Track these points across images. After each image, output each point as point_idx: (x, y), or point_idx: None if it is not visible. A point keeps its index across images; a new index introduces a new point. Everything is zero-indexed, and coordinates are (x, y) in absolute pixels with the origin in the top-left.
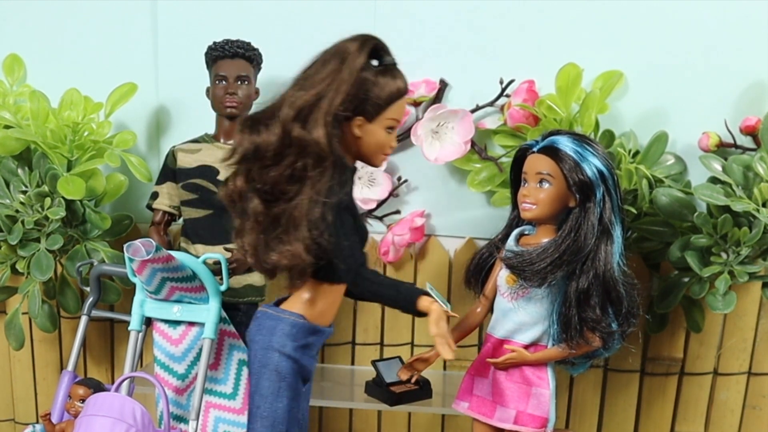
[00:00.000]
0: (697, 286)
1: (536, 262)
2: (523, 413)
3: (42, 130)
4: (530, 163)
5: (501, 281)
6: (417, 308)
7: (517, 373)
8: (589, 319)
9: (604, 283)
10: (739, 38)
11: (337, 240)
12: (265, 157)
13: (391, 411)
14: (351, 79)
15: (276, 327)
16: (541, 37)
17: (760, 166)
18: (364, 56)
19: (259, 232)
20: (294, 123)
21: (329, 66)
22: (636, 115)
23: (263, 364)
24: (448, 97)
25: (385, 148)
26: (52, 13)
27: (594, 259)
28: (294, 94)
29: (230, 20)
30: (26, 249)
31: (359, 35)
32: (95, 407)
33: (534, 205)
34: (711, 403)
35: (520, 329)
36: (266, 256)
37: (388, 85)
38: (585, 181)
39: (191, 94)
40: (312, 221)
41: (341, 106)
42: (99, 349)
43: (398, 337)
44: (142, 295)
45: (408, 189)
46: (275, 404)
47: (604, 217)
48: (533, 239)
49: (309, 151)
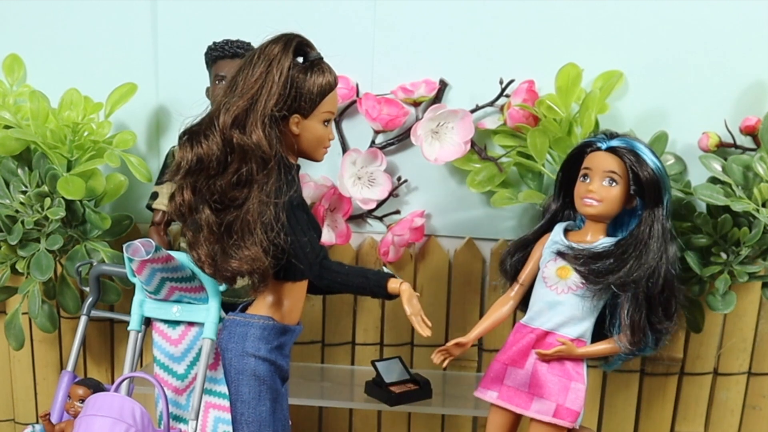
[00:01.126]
0: (697, 286)
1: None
2: (562, 407)
3: (42, 130)
4: (596, 160)
5: (549, 272)
6: (387, 291)
7: (559, 366)
8: (655, 323)
9: (669, 289)
10: (739, 38)
11: (294, 238)
12: (210, 167)
13: (391, 411)
14: (281, 79)
15: (247, 332)
16: (541, 37)
17: (760, 166)
18: (290, 55)
19: (214, 242)
20: (233, 129)
21: (258, 69)
22: (636, 115)
23: (240, 370)
24: (448, 97)
25: (324, 141)
26: (52, 13)
27: (661, 264)
28: (228, 102)
29: (230, 20)
30: (26, 249)
31: (281, 35)
32: (95, 407)
33: (600, 202)
34: (711, 403)
35: (568, 322)
36: (226, 264)
37: (318, 80)
38: (655, 184)
39: (191, 94)
40: (266, 223)
41: (276, 107)
42: (99, 349)
43: (398, 337)
44: (141, 295)
45: (408, 189)
46: (258, 408)
47: (669, 223)
48: (581, 236)
49: (252, 155)
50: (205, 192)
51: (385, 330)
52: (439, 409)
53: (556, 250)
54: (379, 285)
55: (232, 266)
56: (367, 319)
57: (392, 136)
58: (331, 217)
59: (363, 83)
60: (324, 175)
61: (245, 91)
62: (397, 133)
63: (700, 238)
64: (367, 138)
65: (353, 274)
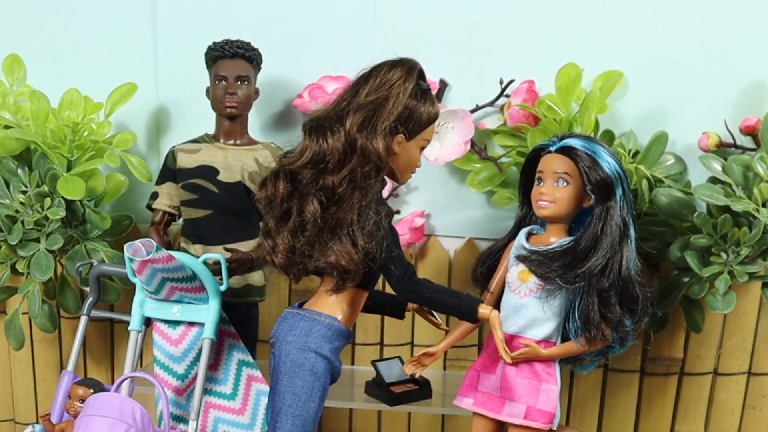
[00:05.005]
0: (697, 286)
1: (563, 263)
2: (533, 408)
3: (42, 130)
4: (547, 162)
5: (512, 278)
6: (477, 316)
7: (527, 368)
8: (610, 319)
9: (623, 283)
10: (739, 38)
11: (389, 248)
12: (329, 163)
13: (391, 411)
14: (404, 99)
15: (312, 328)
16: (541, 37)
17: (760, 166)
18: (413, 80)
19: (314, 235)
20: (359, 133)
21: (385, 85)
22: (636, 115)
23: (298, 364)
24: (448, 97)
25: (414, 166)
26: (52, 13)
27: (615, 259)
28: (357, 104)
29: (230, 20)
30: (26, 249)
31: (407, 59)
32: (95, 407)
33: (551, 203)
34: (711, 403)
35: (532, 325)
36: (323, 256)
37: (429, 109)
38: (605, 180)
39: (191, 94)
40: (368, 229)
41: (394, 123)
42: (99, 349)
43: (398, 337)
44: (142, 295)
45: (408, 189)
46: (308, 404)
47: (624, 217)
48: (543, 238)
49: (371, 160)
50: (313, 186)
51: (385, 330)
52: (439, 409)
53: (516, 255)
54: (471, 308)
55: (329, 259)
56: (367, 319)
57: None
58: None
59: None
60: None
61: (370, 100)
62: None
63: (700, 238)
64: None
65: (443, 292)
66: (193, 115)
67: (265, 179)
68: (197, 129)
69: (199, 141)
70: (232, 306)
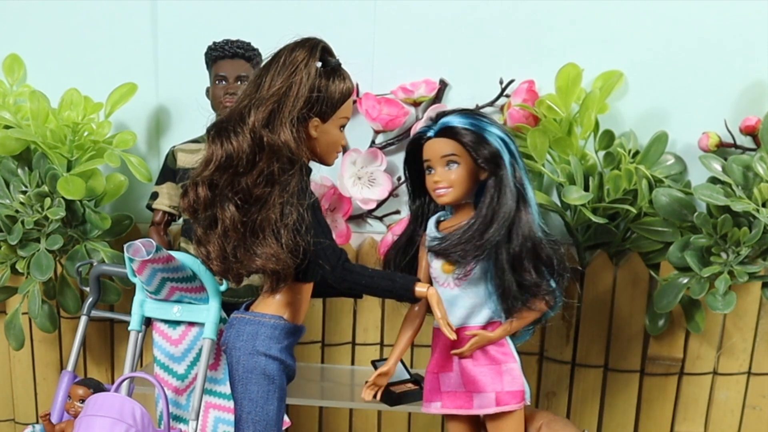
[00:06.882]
0: (697, 286)
1: (465, 241)
2: (502, 392)
3: (42, 130)
4: (430, 149)
5: (437, 272)
6: (414, 295)
7: (482, 356)
8: (528, 284)
9: (532, 245)
10: (739, 38)
11: (317, 239)
12: (239, 165)
13: (391, 411)
14: (308, 83)
15: (257, 331)
16: (541, 37)
17: (760, 166)
18: (316, 60)
19: (236, 240)
20: (262, 128)
21: (285, 71)
22: (636, 115)
23: (249, 369)
24: (448, 97)
25: (338, 145)
26: (52, 13)
27: (518, 224)
28: (257, 99)
29: (230, 20)
30: (26, 249)
31: (306, 39)
32: (95, 407)
33: (449, 188)
34: (711, 403)
35: (472, 313)
36: (250, 261)
37: (339, 86)
38: (492, 151)
39: (191, 94)
40: (291, 224)
41: (302, 110)
42: (99, 349)
43: None
44: (142, 295)
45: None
46: (266, 407)
47: (517, 181)
48: (453, 222)
49: (281, 155)
50: (228, 190)
51: (385, 330)
52: None
53: (429, 248)
54: (406, 288)
55: (256, 264)
56: (367, 319)
57: (392, 136)
58: (331, 217)
59: (363, 83)
60: (324, 175)
61: (273, 91)
62: (397, 133)
63: (700, 238)
64: (367, 138)
65: (378, 276)
66: (193, 115)
67: (186, 188)
68: (197, 129)
69: (199, 141)
70: (232, 306)
